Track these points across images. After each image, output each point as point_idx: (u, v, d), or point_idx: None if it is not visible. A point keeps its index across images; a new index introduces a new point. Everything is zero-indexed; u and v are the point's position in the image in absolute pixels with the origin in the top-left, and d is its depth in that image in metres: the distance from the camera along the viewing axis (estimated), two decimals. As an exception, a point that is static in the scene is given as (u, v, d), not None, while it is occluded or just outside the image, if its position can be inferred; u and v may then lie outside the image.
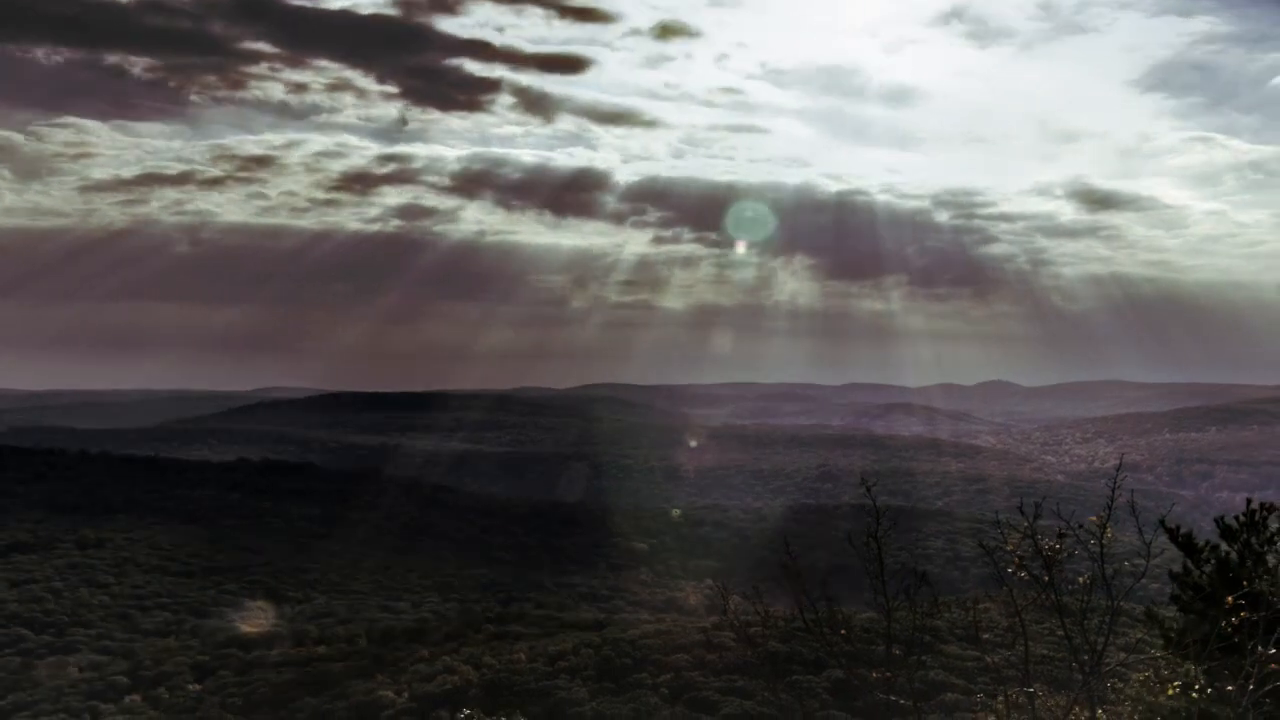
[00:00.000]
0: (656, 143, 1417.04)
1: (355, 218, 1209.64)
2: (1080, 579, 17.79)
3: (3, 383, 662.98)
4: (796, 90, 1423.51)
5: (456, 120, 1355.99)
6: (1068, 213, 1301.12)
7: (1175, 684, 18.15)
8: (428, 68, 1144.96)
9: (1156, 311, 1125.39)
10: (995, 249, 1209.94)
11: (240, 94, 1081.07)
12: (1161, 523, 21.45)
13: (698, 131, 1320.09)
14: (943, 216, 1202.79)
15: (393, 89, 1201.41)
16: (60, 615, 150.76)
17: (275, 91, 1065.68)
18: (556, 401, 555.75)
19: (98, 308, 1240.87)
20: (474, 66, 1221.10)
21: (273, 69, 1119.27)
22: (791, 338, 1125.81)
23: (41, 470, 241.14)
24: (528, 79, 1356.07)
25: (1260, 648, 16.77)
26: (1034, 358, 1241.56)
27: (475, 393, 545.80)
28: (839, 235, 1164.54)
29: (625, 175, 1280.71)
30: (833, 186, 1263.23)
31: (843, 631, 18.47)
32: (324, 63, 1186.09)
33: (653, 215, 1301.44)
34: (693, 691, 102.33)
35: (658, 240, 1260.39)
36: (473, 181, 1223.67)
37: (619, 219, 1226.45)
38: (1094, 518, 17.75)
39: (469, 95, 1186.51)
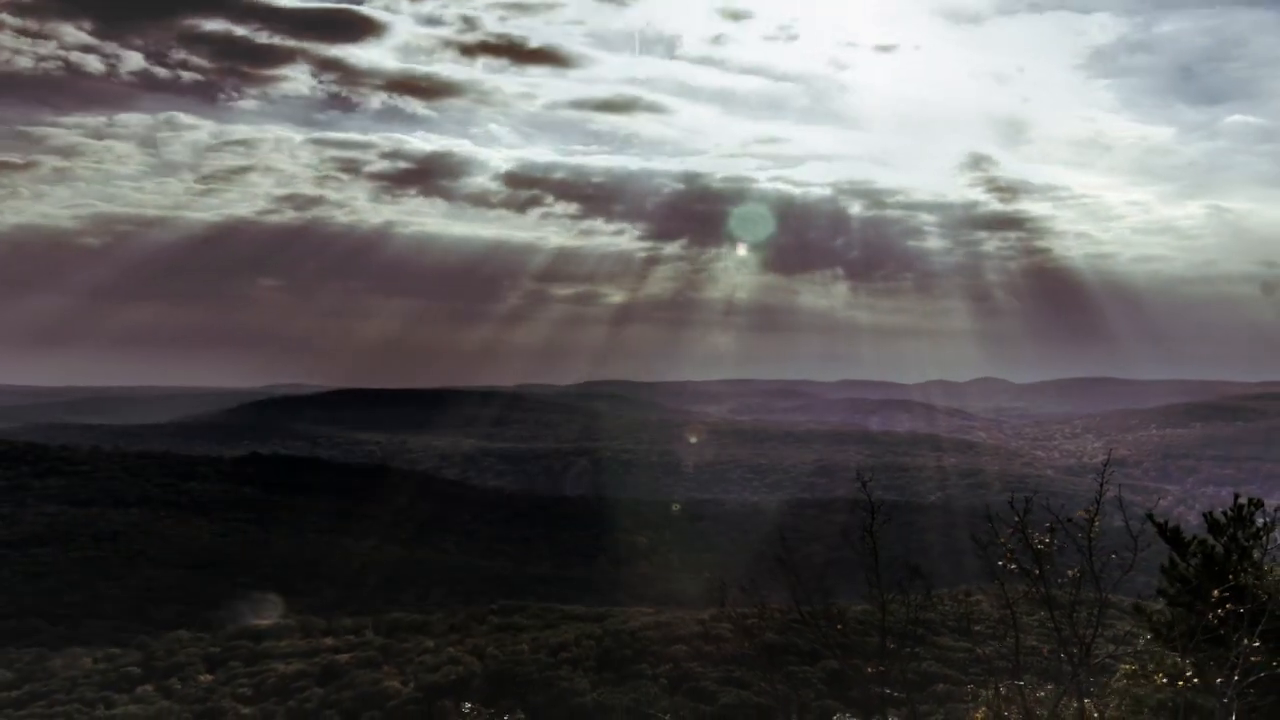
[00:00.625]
0: (500, 124, 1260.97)
1: (247, 208, 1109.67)
2: (1069, 572, 17.76)
3: (18, 380, 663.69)
4: (614, 58, 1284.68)
5: (264, 97, 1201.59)
6: (984, 203, 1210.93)
7: (1162, 675, 18.13)
8: (201, 34, 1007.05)
9: (1125, 307, 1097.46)
10: (929, 242, 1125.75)
11: (10, 70, 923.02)
12: (1149, 517, 21.43)
13: (538, 110, 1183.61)
14: (855, 207, 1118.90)
15: (183, 68, 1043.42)
16: (75, 607, 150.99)
17: (48, 66, 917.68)
18: (559, 398, 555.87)
19: (91, 306, 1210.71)
20: (245, 30, 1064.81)
21: (33, 42, 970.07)
22: (762, 334, 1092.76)
23: (57, 466, 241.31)
24: (317, 47, 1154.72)
25: (1245, 640, 16.75)
26: (1024, 354, 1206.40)
27: (478, 389, 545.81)
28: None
29: (497, 161, 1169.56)
30: (719, 172, 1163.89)
31: (838, 624, 18.45)
32: (73, 30, 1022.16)
33: (558, 207, 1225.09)
34: (691, 682, 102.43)
35: (582, 234, 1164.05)
36: (339, 167, 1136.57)
37: (520, 208, 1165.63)
38: (1083, 512, 17.73)
39: (263, 67, 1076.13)
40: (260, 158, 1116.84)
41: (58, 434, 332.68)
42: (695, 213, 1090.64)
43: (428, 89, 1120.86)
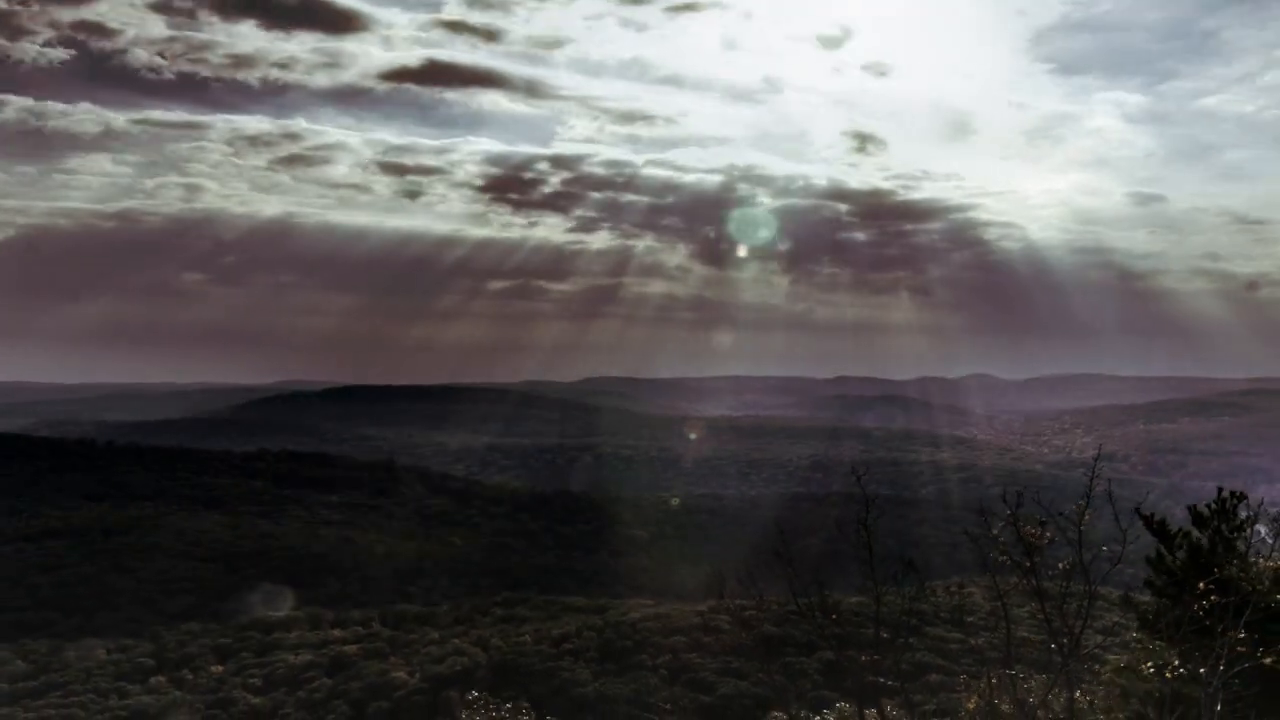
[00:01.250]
0: (322, 100, 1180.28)
1: (131, 200, 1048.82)
2: (1059, 564, 17.76)
3: (34, 376, 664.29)
4: (388, 15, 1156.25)
5: (43, 70, 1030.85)
6: (892, 191, 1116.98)
7: (1149, 665, 18.12)
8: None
9: (1080, 300, 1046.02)
10: (857, 233, 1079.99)
11: None
12: (1137, 510, 21.42)
13: (353, 82, 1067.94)
14: (761, 196, 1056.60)
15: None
16: (89, 599, 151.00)
17: None
18: (562, 395, 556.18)
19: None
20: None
21: None
22: (718, 329, 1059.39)
23: (72, 460, 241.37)
24: (53, 10, 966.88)
25: (1230, 631, 16.74)
26: (1014, 350, 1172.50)
27: (482, 386, 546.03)
28: (666, 215, 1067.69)
29: (355, 144, 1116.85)
30: (596, 156, 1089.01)
31: (833, 615, 18.44)
32: None
33: (454, 196, 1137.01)
34: (690, 673, 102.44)
35: (506, 226, 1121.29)
36: (189, 153, 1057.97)
37: (409, 195, 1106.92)
38: (1073, 506, 17.72)
39: (12, 36, 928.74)
40: (100, 142, 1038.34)
41: (74, 429, 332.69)
42: (599, 202, 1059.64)
43: (219, 62, 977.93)
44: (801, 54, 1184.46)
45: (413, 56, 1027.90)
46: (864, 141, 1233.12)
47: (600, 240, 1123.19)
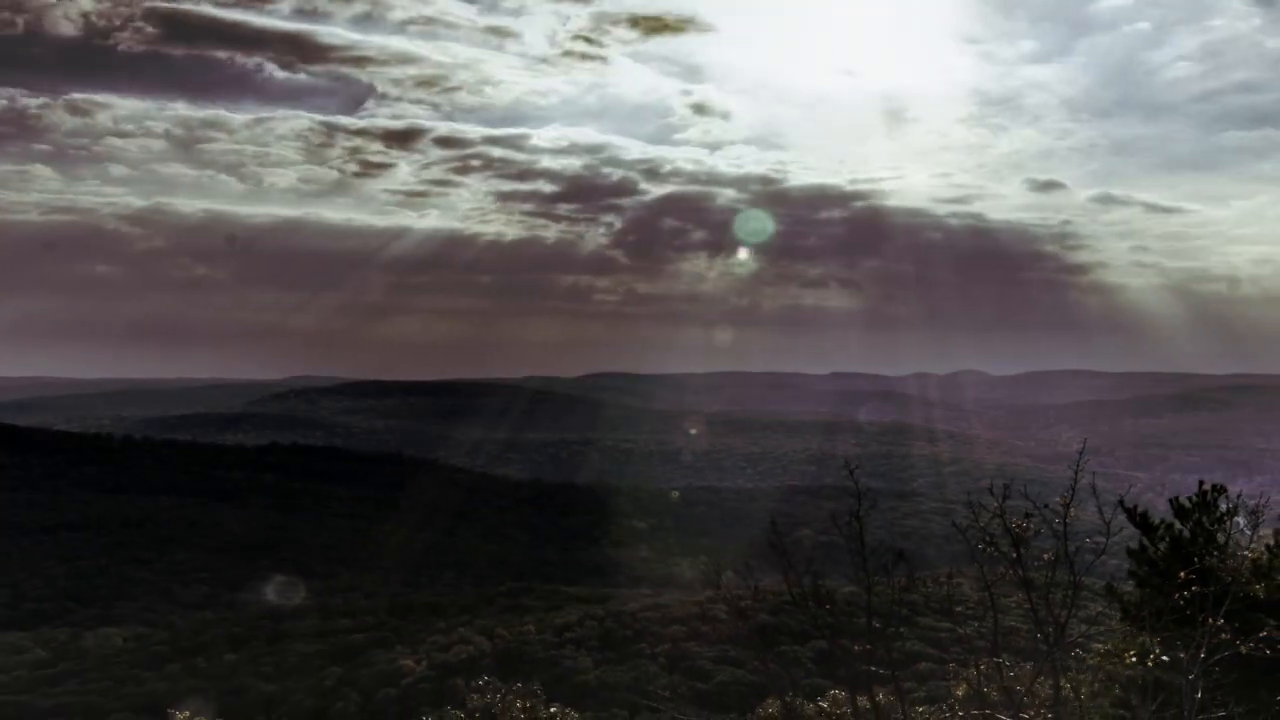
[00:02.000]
0: (70, 70, 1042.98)
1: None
2: (1045, 556, 17.75)
3: (52, 372, 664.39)
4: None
5: None
6: (772, 178, 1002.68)
7: (1132, 654, 18.11)
8: None
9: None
10: (766, 222, 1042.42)
11: None
12: (1120, 503, 21.41)
13: (72, 37, 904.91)
14: (643, 182, 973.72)
15: None
16: (107, 589, 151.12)
17: None
18: (564, 390, 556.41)
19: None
20: None
21: None
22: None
23: (90, 454, 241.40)
24: None
25: (1210, 620, 16.75)
26: (1000, 345, 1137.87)
27: (486, 382, 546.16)
28: (556, 203, 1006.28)
29: (158, 122, 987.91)
30: (434, 131, 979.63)
31: (826, 605, 18.44)
32: None
33: (321, 182, 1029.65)
34: (688, 661, 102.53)
35: (402, 216, 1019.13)
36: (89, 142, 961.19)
37: (271, 183, 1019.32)
38: (1058, 498, 17.73)
39: None
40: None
41: (91, 424, 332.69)
42: (478, 189, 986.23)
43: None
44: (551, 6, 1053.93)
45: (131, 9, 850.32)
46: (709, 118, 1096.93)
47: (511, 230, 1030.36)
